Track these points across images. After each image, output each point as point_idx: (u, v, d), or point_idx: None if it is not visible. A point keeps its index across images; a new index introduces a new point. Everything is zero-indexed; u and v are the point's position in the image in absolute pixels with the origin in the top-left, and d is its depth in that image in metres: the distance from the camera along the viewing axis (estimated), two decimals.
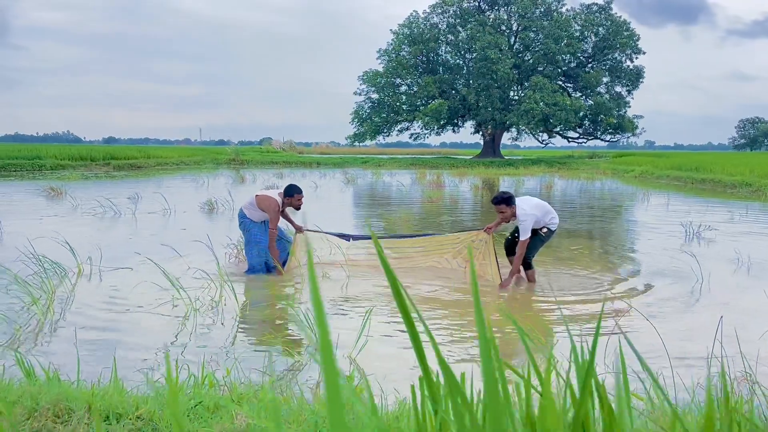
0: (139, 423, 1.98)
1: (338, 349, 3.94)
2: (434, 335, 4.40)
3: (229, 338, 4.45)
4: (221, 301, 5.35)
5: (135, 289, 5.68)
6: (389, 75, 46.53)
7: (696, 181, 23.84)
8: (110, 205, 12.11)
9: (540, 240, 6.28)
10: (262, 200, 6.55)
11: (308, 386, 3.06)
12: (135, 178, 23.92)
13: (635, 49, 45.53)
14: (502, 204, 6.19)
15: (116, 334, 4.47)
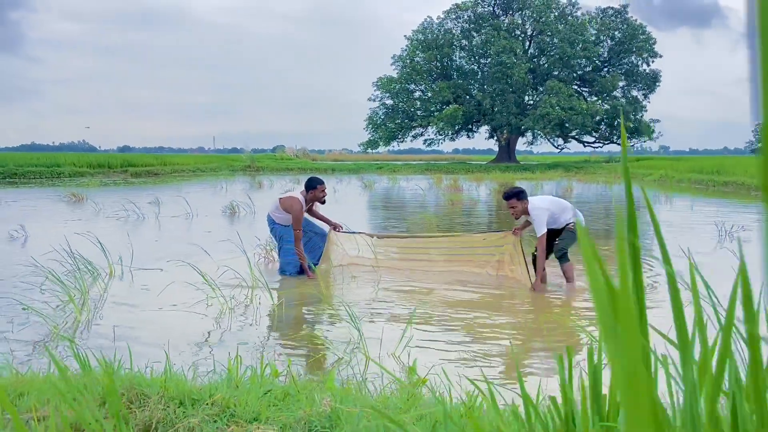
0: (215, 408, 1.90)
1: (381, 347, 3.84)
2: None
3: (268, 335, 4.38)
4: (255, 299, 5.28)
5: (167, 288, 5.62)
6: (403, 81, 46.57)
7: (718, 184, 23.52)
8: (133, 208, 12.13)
9: (571, 233, 6.00)
10: (285, 202, 6.50)
11: (363, 380, 2.96)
12: (153, 184, 24.03)
13: (651, 53, 45.20)
14: (512, 198, 5.97)
15: (154, 331, 4.40)
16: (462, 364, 3.73)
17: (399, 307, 5.17)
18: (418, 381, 2.39)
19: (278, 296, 5.62)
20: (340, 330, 4.33)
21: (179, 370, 2.49)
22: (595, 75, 45.84)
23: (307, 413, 1.81)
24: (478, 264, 6.63)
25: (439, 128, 45.80)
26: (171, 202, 14.23)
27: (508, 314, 5.11)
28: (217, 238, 9.13)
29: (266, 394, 2.03)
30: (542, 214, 5.81)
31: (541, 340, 4.40)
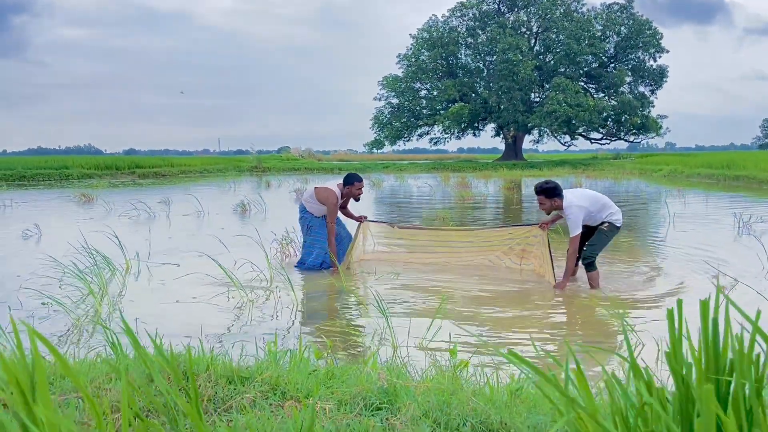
0: (266, 386, 1.84)
1: (409, 336, 3.78)
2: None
3: (292, 326, 4.31)
4: (275, 292, 5.22)
5: (186, 282, 5.58)
6: (409, 79, 46.47)
7: (729, 178, 23.33)
8: (144, 207, 12.09)
9: (603, 236, 5.49)
10: (320, 192, 6.35)
11: (403, 364, 2.89)
12: (161, 185, 24.04)
13: (658, 48, 44.94)
14: (541, 195, 5.46)
15: (177, 323, 4.35)
16: (493, 354, 3.66)
17: (421, 300, 5.10)
18: (460, 363, 2.33)
19: (298, 289, 5.56)
20: (364, 321, 4.27)
21: (222, 352, 2.43)
22: (602, 71, 45.64)
23: (363, 389, 1.74)
24: (502, 251, 6.41)
25: (445, 127, 45.68)
26: (181, 201, 14.20)
27: (533, 308, 5.01)
28: (231, 234, 9.08)
29: (312, 374, 1.97)
30: (579, 213, 5.31)
31: (575, 333, 4.33)
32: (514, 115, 43.51)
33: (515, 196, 17.63)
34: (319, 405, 1.66)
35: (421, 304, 4.92)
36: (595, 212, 5.43)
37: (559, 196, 5.41)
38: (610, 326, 4.42)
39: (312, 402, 1.63)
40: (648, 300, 5.12)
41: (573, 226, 5.33)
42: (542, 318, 4.70)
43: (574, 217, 5.30)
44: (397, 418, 1.62)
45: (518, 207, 14.72)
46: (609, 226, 5.49)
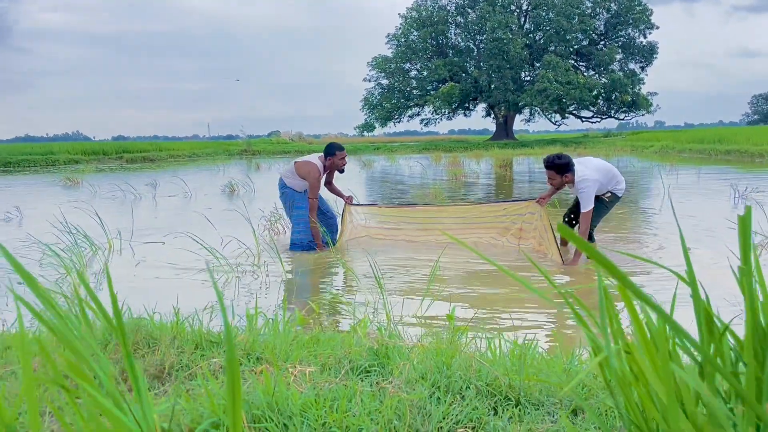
0: (239, 352, 1.66)
1: (403, 308, 3.61)
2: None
3: (279, 300, 4.13)
4: (263, 267, 5.04)
5: (170, 259, 5.38)
6: (399, 60, 46.02)
7: (720, 152, 23.23)
8: (130, 189, 11.84)
9: (604, 206, 5.29)
10: (301, 167, 5.86)
11: (397, 330, 2.72)
12: (149, 169, 23.68)
13: (648, 24, 44.64)
14: (552, 170, 5.12)
15: (157, 299, 4.15)
16: (493, 323, 3.50)
17: (414, 274, 4.91)
18: (459, 329, 2.16)
19: (287, 264, 5.37)
20: (356, 294, 4.09)
21: (192, 316, 2.22)
22: (592, 48, 45.33)
23: (350, 351, 1.56)
24: (498, 231, 6.01)
25: (436, 107, 45.36)
26: (168, 184, 13.92)
27: (533, 283, 4.85)
28: (218, 213, 8.88)
29: (294, 340, 1.79)
30: (593, 186, 5.03)
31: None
32: (505, 94, 43.22)
33: (507, 173, 17.46)
34: (299, 369, 1.48)
35: (415, 278, 4.73)
36: (605, 183, 5.19)
37: (571, 171, 5.11)
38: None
39: (289, 365, 1.46)
40: (651, 268, 4.97)
41: (586, 200, 5.01)
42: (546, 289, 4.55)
43: (588, 192, 4.99)
44: (390, 381, 1.44)
45: (510, 183, 14.56)
46: (611, 196, 5.27)
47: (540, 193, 5.74)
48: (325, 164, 5.95)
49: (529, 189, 13.92)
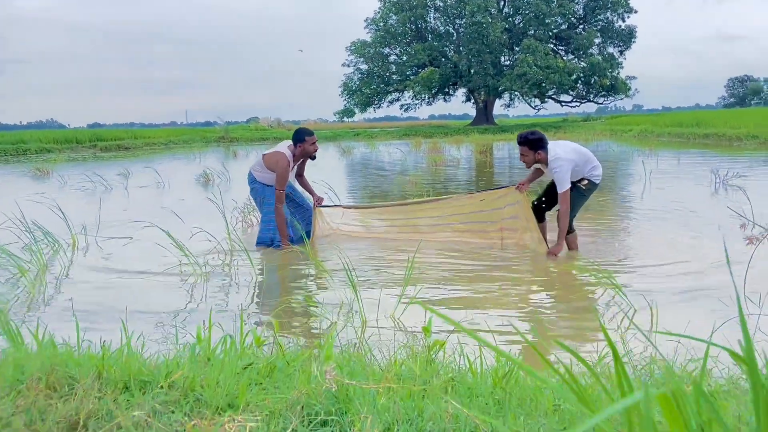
0: (175, 393, 1.43)
1: (379, 309, 3.42)
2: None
3: (249, 302, 3.91)
4: (233, 264, 4.81)
5: (137, 257, 5.13)
6: (378, 44, 45.56)
7: (698, 136, 23.32)
8: (100, 180, 11.48)
9: (580, 195, 5.02)
10: (269, 158, 5.52)
11: (367, 347, 2.53)
12: (123, 158, 23.14)
13: (627, 8, 44.64)
14: (524, 146, 4.90)
15: (119, 303, 3.90)
16: (473, 326, 3.32)
17: (391, 271, 4.68)
18: (435, 344, 1.96)
19: (258, 260, 5.14)
20: (330, 293, 3.88)
21: (133, 344, 2.00)
22: (571, 32, 45.25)
23: (304, 393, 1.34)
24: (476, 234, 5.60)
25: (416, 92, 45.02)
26: (141, 174, 13.54)
27: (514, 282, 4.65)
28: (190, 205, 8.60)
29: (246, 369, 1.57)
30: (567, 166, 4.79)
31: (564, 303, 4.02)
32: (485, 78, 43.04)
33: (488, 159, 17.32)
34: (238, 423, 1.25)
35: (390, 278, 4.50)
36: (580, 166, 4.95)
37: (544, 149, 4.89)
38: (595, 291, 4.11)
39: (226, 419, 1.23)
40: (634, 261, 4.83)
41: (561, 181, 4.80)
42: (526, 291, 4.37)
43: (562, 172, 4.78)
44: None
45: (490, 171, 14.42)
46: (588, 183, 5.01)
47: (520, 180, 5.49)
48: (295, 152, 5.55)
49: (509, 175, 13.78)
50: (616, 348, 0.95)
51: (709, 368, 2.31)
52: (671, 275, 4.20)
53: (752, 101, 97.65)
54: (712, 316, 3.22)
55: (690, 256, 4.73)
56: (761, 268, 4.04)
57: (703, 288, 3.82)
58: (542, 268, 4.74)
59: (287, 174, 5.47)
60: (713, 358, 2.44)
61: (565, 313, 3.61)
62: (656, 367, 2.31)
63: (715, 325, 2.50)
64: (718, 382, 1.97)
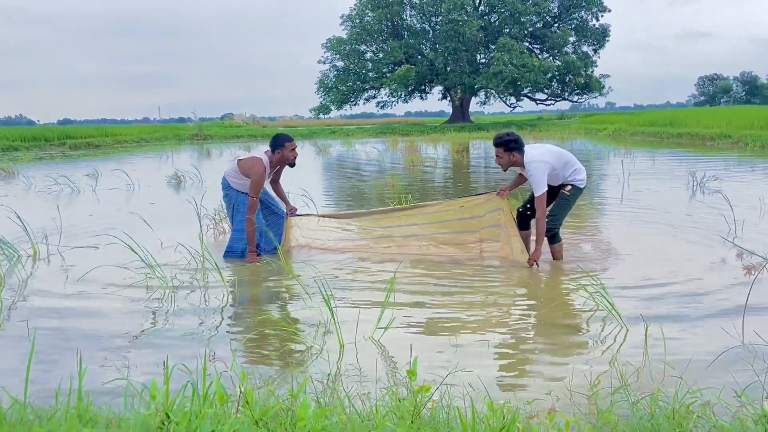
0: None
1: (357, 330, 3.24)
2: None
3: (219, 322, 3.69)
4: (203, 278, 4.59)
5: (101, 269, 4.85)
6: (353, 41, 45.25)
7: (672, 135, 23.54)
8: (67, 182, 11.09)
9: (566, 202, 4.87)
10: (244, 163, 5.24)
11: (348, 395, 2.34)
12: (93, 157, 22.57)
13: (601, 7, 45.02)
14: (500, 147, 4.78)
15: (78, 326, 3.66)
16: (456, 353, 3.15)
17: (369, 286, 4.46)
18: (421, 389, 1.79)
19: (230, 274, 4.91)
20: (305, 312, 3.68)
21: (93, 390, 1.79)
22: (546, 31, 45.48)
23: None
24: (454, 246, 5.32)
25: (392, 89, 44.84)
26: (110, 174, 13.12)
27: (497, 297, 4.48)
28: (160, 210, 8.32)
29: None
30: (543, 168, 4.67)
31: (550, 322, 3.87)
32: (461, 76, 43.05)
33: (464, 159, 17.24)
34: None
35: (369, 294, 4.29)
36: (559, 169, 4.81)
37: (519, 150, 4.76)
38: (584, 307, 3.98)
39: None
40: (624, 273, 4.70)
41: (537, 184, 4.66)
42: (509, 310, 4.22)
43: (538, 175, 4.65)
44: None
45: (467, 171, 14.32)
46: (572, 189, 4.87)
47: (499, 183, 5.32)
48: (272, 159, 5.27)
49: (485, 174, 13.70)
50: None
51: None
52: (661, 292, 4.06)
53: (722, 99, 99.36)
54: (713, 343, 3.11)
55: (680, 271, 4.58)
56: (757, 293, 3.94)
57: (699, 308, 3.68)
58: (525, 283, 4.60)
59: (262, 181, 5.21)
60: (716, 388, 2.31)
61: (553, 335, 3.47)
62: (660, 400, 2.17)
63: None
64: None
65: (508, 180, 5.45)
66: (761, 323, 3.28)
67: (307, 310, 3.55)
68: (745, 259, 4.60)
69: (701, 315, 3.53)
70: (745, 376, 2.55)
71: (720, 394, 2.29)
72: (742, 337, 3.10)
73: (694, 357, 2.85)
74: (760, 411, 2.09)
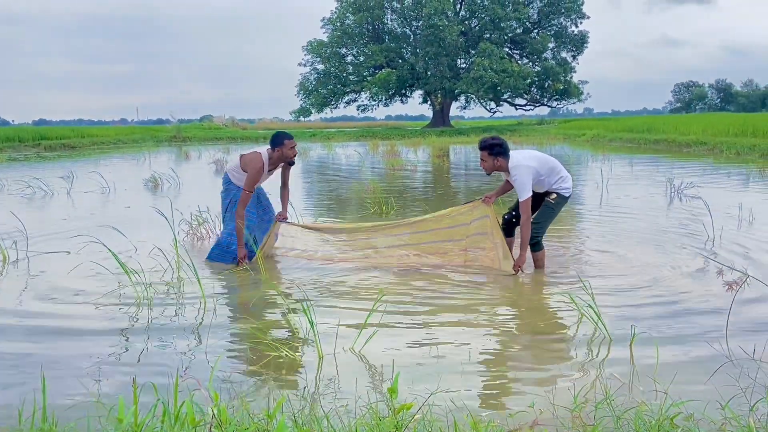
0: None
1: (337, 339, 3.17)
2: None
3: (194, 331, 3.59)
4: (179, 286, 4.48)
5: (72, 276, 4.72)
6: (334, 44, 45.26)
7: (649, 142, 23.82)
8: (40, 185, 10.85)
9: (550, 210, 4.80)
10: (245, 159, 5.20)
11: (325, 415, 2.27)
12: (69, 158, 22.18)
13: (579, 14, 45.58)
14: (485, 150, 4.72)
15: (46, 335, 3.55)
16: (438, 365, 3.10)
17: (350, 299, 4.33)
18: (402, 407, 1.73)
19: (207, 282, 4.79)
20: (284, 323, 3.61)
21: (59, 406, 1.69)
22: (526, 37, 45.91)
23: None
24: (438, 256, 5.23)
25: (373, 93, 44.93)
26: (86, 177, 12.88)
27: (479, 307, 4.45)
28: (136, 213, 8.16)
29: None
30: (527, 173, 4.62)
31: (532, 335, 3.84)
32: (441, 81, 43.24)
33: (445, 164, 17.24)
34: None
35: (351, 302, 4.21)
36: (544, 176, 4.75)
37: (504, 155, 4.70)
38: (568, 318, 3.95)
39: None
40: (606, 282, 4.68)
41: (521, 188, 4.62)
42: (492, 319, 4.18)
43: (522, 179, 4.60)
44: None
45: (447, 176, 14.32)
46: (557, 197, 4.81)
47: (482, 189, 5.25)
48: (272, 156, 5.18)
49: (465, 179, 13.72)
50: None
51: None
52: (645, 302, 4.04)
53: (697, 106, 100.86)
54: (698, 355, 3.10)
55: (663, 280, 4.56)
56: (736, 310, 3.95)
57: (683, 320, 3.65)
58: (508, 293, 4.56)
59: (259, 176, 5.15)
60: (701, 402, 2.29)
61: (536, 346, 3.44)
62: (644, 414, 2.14)
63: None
64: None
65: (489, 185, 5.42)
66: (745, 335, 3.28)
67: (286, 320, 3.47)
68: (725, 272, 4.61)
69: (685, 327, 3.51)
70: (730, 389, 2.53)
71: (705, 408, 2.27)
72: (727, 349, 3.10)
73: (678, 369, 2.83)
74: (745, 425, 2.06)
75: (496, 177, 5.08)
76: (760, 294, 3.96)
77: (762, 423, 2.12)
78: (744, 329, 3.41)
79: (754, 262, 4.97)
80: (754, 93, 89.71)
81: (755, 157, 15.74)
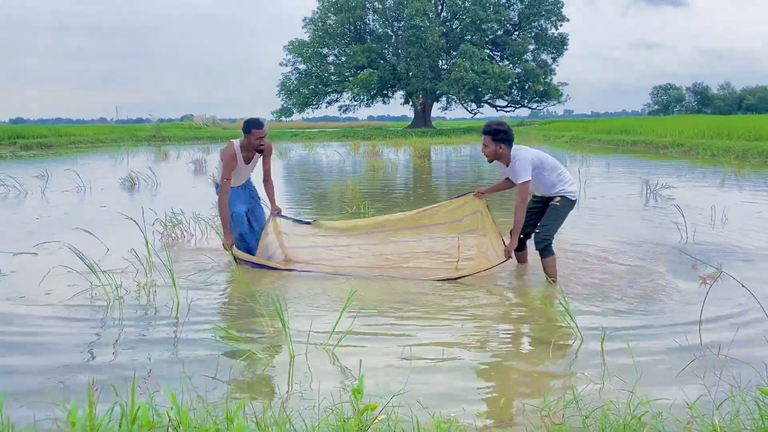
0: None
1: (308, 339, 3.15)
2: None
3: (165, 333, 3.54)
4: (152, 286, 4.42)
5: (41, 277, 4.63)
6: (316, 44, 45.13)
7: (626, 143, 24.07)
8: (14, 184, 10.66)
9: (557, 212, 4.63)
10: (221, 151, 5.16)
11: (288, 416, 2.25)
12: (45, 157, 21.84)
13: (559, 16, 45.96)
14: (488, 135, 4.59)
15: (10, 338, 3.48)
16: (409, 365, 3.09)
17: (324, 299, 4.30)
18: (366, 408, 1.72)
19: (180, 282, 4.73)
20: (256, 321, 3.57)
21: (19, 418, 1.66)
22: (507, 39, 46.18)
23: None
24: (428, 260, 5.14)
25: (355, 93, 44.88)
26: (62, 176, 12.68)
27: (452, 308, 4.44)
28: (111, 214, 8.05)
29: None
30: (527, 159, 4.54)
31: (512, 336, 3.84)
32: (423, 82, 43.32)
33: (426, 164, 17.27)
34: None
35: (325, 301, 4.18)
36: (547, 173, 4.63)
37: (507, 143, 4.58)
38: (540, 318, 3.96)
39: None
40: (581, 283, 4.71)
41: (520, 170, 4.51)
42: (465, 315, 4.17)
43: (522, 163, 4.51)
44: None
45: (428, 177, 14.34)
46: (562, 200, 4.65)
47: (470, 186, 5.17)
48: (242, 144, 5.12)
49: (447, 179, 13.74)
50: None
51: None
52: (617, 302, 4.07)
53: (675, 108, 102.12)
54: (668, 354, 3.13)
55: (637, 280, 4.60)
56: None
57: (655, 319, 3.69)
58: (480, 294, 4.56)
59: (233, 164, 5.08)
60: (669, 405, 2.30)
61: (507, 346, 3.44)
62: (611, 413, 2.15)
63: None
64: None
65: (467, 186, 5.38)
66: (715, 335, 3.31)
67: (259, 320, 3.44)
68: (699, 269, 4.66)
69: (656, 326, 3.54)
70: (697, 388, 2.55)
71: (671, 407, 2.28)
72: (700, 347, 3.12)
73: (650, 368, 2.85)
74: (710, 425, 2.08)
75: (478, 177, 5.06)
76: (731, 292, 4.01)
77: (726, 422, 2.14)
78: (717, 326, 3.45)
79: (727, 257, 5.06)
80: (730, 96, 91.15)
81: (730, 158, 15.98)
